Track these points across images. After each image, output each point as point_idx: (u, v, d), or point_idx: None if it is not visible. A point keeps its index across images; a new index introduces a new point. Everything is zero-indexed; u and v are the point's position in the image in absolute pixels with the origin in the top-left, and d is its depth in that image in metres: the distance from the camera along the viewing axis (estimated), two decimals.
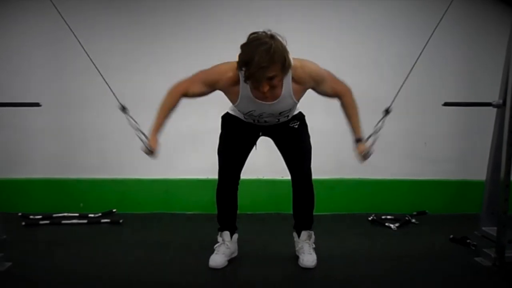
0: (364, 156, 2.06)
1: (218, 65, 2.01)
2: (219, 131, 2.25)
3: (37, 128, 3.17)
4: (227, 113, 2.23)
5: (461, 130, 3.17)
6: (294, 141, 2.19)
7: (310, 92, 2.28)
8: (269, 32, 1.82)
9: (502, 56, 2.34)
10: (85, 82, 3.11)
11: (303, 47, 2.16)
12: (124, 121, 3.11)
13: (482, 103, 2.36)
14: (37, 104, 2.33)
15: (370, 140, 2.06)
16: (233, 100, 2.04)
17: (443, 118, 3.10)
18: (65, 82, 3.15)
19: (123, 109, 2.08)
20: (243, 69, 1.82)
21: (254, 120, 2.12)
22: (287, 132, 2.18)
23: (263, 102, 1.98)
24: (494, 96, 2.42)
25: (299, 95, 2.03)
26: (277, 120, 2.12)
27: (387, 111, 2.11)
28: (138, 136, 2.03)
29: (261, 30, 1.84)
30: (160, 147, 2.06)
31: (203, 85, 2.01)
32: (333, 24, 3.07)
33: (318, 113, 2.72)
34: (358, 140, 2.09)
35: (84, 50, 2.08)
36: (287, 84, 1.95)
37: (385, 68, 3.05)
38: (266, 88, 1.84)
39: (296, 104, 2.07)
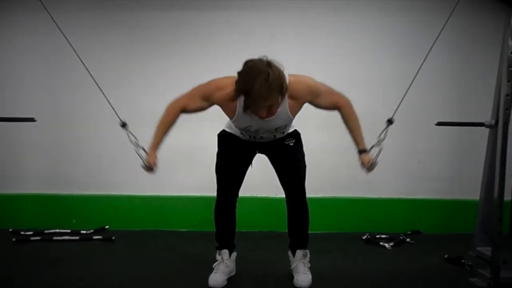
0: (370, 167, 2.06)
1: (216, 79, 2.02)
2: (214, 148, 2.25)
3: (29, 143, 3.16)
4: (223, 130, 2.23)
5: (455, 149, 3.19)
6: (289, 159, 2.20)
7: (304, 111, 2.30)
8: (265, 59, 1.83)
9: (494, 77, 2.38)
10: (79, 98, 3.13)
11: (298, 64, 2.18)
12: (118, 137, 3.10)
13: (475, 123, 2.39)
14: (32, 120, 2.33)
15: (374, 151, 2.07)
16: (230, 116, 2.05)
17: (437, 137, 3.12)
18: (58, 97, 3.15)
19: (124, 125, 2.08)
20: (241, 94, 1.84)
21: (250, 137, 2.12)
22: (282, 149, 2.19)
23: (260, 118, 1.98)
24: (487, 115, 2.45)
25: (295, 110, 2.03)
26: (273, 136, 2.12)
27: (390, 121, 2.13)
28: (137, 152, 2.04)
29: (256, 56, 1.86)
30: (159, 163, 2.05)
31: (201, 100, 2.02)
32: (328, 42, 3.11)
33: (312, 131, 2.73)
34: (362, 152, 2.10)
35: (85, 67, 2.08)
36: (284, 101, 1.97)
37: (381, 86, 3.08)
38: (264, 114, 1.88)
39: (292, 120, 2.08)
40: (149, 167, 2.04)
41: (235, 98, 1.94)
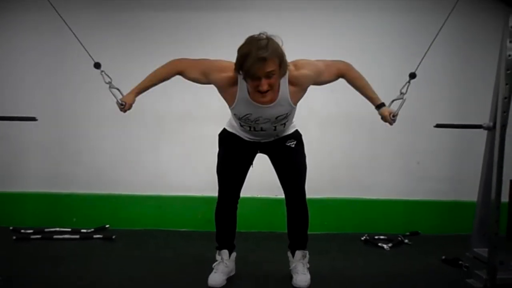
0: (393, 117, 2.08)
1: (222, 60, 2.03)
2: (215, 148, 2.25)
3: (30, 142, 3.18)
4: (224, 129, 2.24)
5: (454, 151, 3.21)
6: (289, 160, 2.20)
7: (304, 111, 2.31)
8: (265, 34, 1.87)
9: (494, 78, 2.39)
10: (80, 97, 3.15)
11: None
12: (118, 136, 3.17)
13: (473, 125, 2.40)
14: (33, 119, 2.34)
15: (396, 104, 2.09)
16: (229, 102, 2.03)
17: (436, 138, 3.13)
18: (59, 97, 3.17)
19: (98, 66, 2.06)
20: (242, 65, 1.82)
21: (250, 128, 2.09)
22: (284, 151, 2.19)
23: (260, 105, 1.97)
24: (486, 115, 2.46)
25: (296, 97, 2.02)
26: (273, 128, 2.09)
27: (412, 76, 2.13)
28: (111, 91, 2.03)
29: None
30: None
31: (200, 73, 2.03)
32: (328, 42, 3.11)
33: (311, 132, 2.75)
34: (380, 106, 2.11)
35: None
36: (284, 87, 1.96)
37: (381, 86, 3.08)
38: (265, 86, 1.84)
39: (293, 109, 2.06)
40: (123, 106, 2.03)
41: (237, 82, 1.95)
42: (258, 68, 1.80)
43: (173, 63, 2.07)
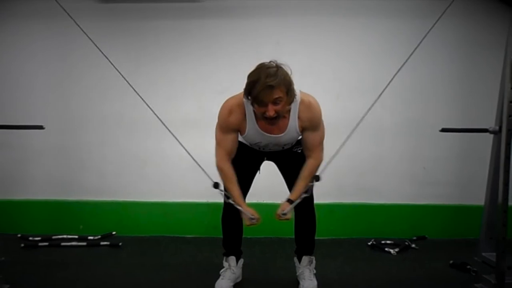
0: (282, 215, 2.07)
1: (224, 103, 2.08)
2: None
3: (37, 149, 3.20)
4: None
5: (460, 155, 3.19)
6: (297, 165, 2.20)
7: None
8: (274, 62, 1.91)
9: (498, 82, 2.39)
10: (86, 104, 3.17)
11: (304, 69, 2.19)
12: (124, 144, 3.19)
13: (479, 129, 2.39)
14: (40, 127, 2.36)
15: (292, 206, 2.08)
16: (242, 132, 2.10)
17: (442, 143, 3.12)
18: (65, 104, 3.19)
19: (216, 186, 2.11)
20: (250, 92, 1.87)
21: (259, 148, 2.18)
22: (291, 157, 2.21)
23: (270, 135, 2.05)
24: (492, 120, 2.45)
25: (301, 127, 2.09)
26: (282, 148, 2.18)
27: (316, 179, 2.12)
28: (240, 210, 2.09)
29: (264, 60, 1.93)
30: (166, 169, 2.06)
31: (227, 134, 2.08)
32: (334, 47, 3.12)
33: None
34: (289, 200, 2.10)
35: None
36: (294, 117, 2.02)
37: (386, 91, 3.09)
38: (272, 112, 1.89)
39: (300, 136, 2.13)
40: (254, 219, 2.08)
41: (245, 116, 2.01)
42: (265, 94, 1.85)
43: (219, 164, 2.12)
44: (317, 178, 2.11)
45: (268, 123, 1.98)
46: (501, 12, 2.99)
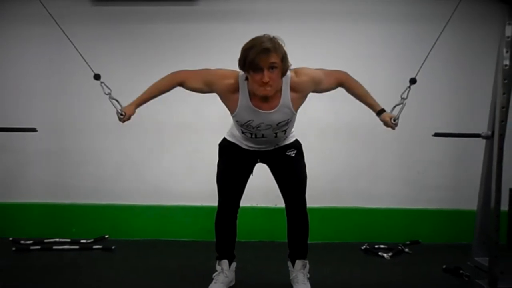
0: (394, 121, 2.10)
1: (222, 69, 2.06)
2: (215, 157, 2.26)
3: (30, 153, 3.18)
4: (224, 139, 2.25)
5: (453, 159, 3.21)
6: (290, 170, 2.21)
7: (303, 120, 2.32)
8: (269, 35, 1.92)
9: (491, 88, 2.41)
10: (80, 107, 3.16)
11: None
12: (118, 147, 3.17)
13: (471, 134, 2.42)
14: (33, 130, 2.36)
15: (397, 109, 2.12)
16: (231, 109, 2.05)
17: (436, 147, 3.14)
18: (60, 107, 3.18)
19: (97, 77, 2.08)
20: (245, 58, 1.86)
21: (252, 134, 2.11)
22: (284, 160, 2.20)
23: (262, 111, 2.00)
24: (484, 126, 2.47)
25: (297, 103, 2.05)
26: (274, 135, 2.11)
27: (412, 81, 2.15)
28: (111, 102, 2.05)
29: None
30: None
31: (202, 83, 2.05)
32: (333, 50, 3.11)
33: (311, 141, 2.76)
34: (380, 112, 2.14)
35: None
36: (285, 93, 1.99)
37: (387, 93, 3.12)
38: (267, 78, 1.87)
39: (294, 115, 2.08)
40: (122, 116, 2.04)
41: (238, 89, 1.98)
42: (261, 58, 1.84)
43: (173, 75, 2.09)
44: (413, 81, 2.15)
45: (262, 89, 1.91)
46: (494, 20, 3.02)
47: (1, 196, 3.17)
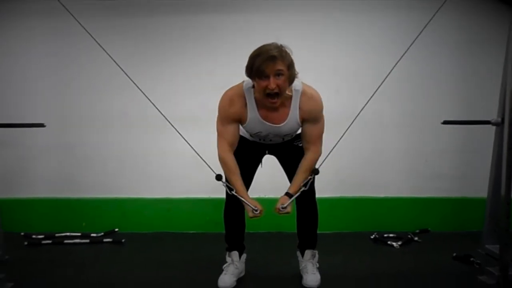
0: (283, 209, 2.04)
1: (224, 94, 2.07)
2: None
3: (39, 148, 3.20)
4: None
5: (462, 147, 3.19)
6: (298, 160, 2.20)
7: None
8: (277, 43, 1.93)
9: (501, 73, 2.37)
10: (87, 101, 3.17)
11: (304, 64, 2.18)
12: (126, 140, 3.18)
13: (481, 121, 2.39)
14: (41, 125, 2.36)
15: (291, 200, 2.05)
16: (243, 120, 2.08)
17: (444, 135, 3.12)
18: (67, 101, 3.19)
19: (219, 178, 2.09)
20: (252, 65, 1.87)
21: (260, 139, 2.17)
22: (292, 151, 2.20)
23: (270, 124, 2.04)
24: (493, 112, 2.44)
25: (301, 118, 2.08)
26: (282, 139, 2.17)
27: (315, 172, 2.11)
28: (245, 203, 2.05)
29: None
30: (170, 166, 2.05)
31: (228, 124, 2.06)
32: (335, 42, 3.11)
33: None
34: (287, 194, 2.08)
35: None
36: (295, 106, 2.02)
37: (386, 85, 3.09)
38: (273, 85, 1.88)
39: (300, 127, 2.12)
40: (257, 211, 2.04)
41: (245, 103, 2.00)
42: (268, 65, 1.85)
43: (221, 154, 2.09)
44: (315, 172, 2.11)
45: (270, 103, 1.93)
46: (502, 6, 2.97)
47: (12, 192, 3.20)
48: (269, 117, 2.04)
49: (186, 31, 3.13)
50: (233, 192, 2.07)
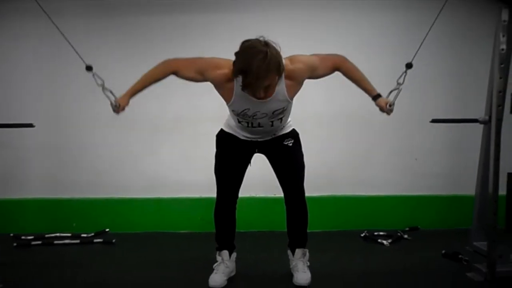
0: (389, 107, 2.08)
1: (216, 58, 2.02)
2: (213, 149, 2.26)
3: (29, 148, 3.17)
4: (222, 130, 2.24)
5: (451, 145, 3.21)
6: (287, 159, 2.21)
7: (301, 109, 2.32)
8: (262, 39, 1.86)
9: (487, 72, 2.40)
10: (78, 102, 3.14)
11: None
12: (117, 141, 3.17)
13: (469, 120, 2.42)
14: (30, 125, 2.35)
15: (393, 94, 2.09)
16: (227, 98, 2.03)
17: (433, 133, 3.14)
18: (57, 102, 3.16)
19: (89, 68, 2.05)
20: (241, 77, 1.83)
21: (248, 124, 2.09)
22: (281, 150, 2.20)
23: (257, 100, 1.97)
24: (481, 111, 2.47)
25: (293, 91, 2.03)
26: (270, 123, 2.09)
27: (409, 66, 2.12)
28: (104, 93, 2.02)
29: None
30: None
31: (196, 72, 2.02)
32: (329, 40, 3.09)
33: (309, 130, 2.75)
34: (376, 97, 2.11)
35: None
36: (280, 82, 1.96)
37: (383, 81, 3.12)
38: (261, 95, 1.88)
39: (290, 103, 2.06)
40: (117, 108, 2.02)
41: (233, 79, 1.94)
42: (257, 85, 1.82)
43: (166, 63, 2.06)
44: (409, 66, 2.11)
45: (258, 97, 1.92)
46: (490, 4, 3.00)
47: (1, 192, 3.16)
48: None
49: (181, 31, 3.11)
50: (103, 84, 2.02)
